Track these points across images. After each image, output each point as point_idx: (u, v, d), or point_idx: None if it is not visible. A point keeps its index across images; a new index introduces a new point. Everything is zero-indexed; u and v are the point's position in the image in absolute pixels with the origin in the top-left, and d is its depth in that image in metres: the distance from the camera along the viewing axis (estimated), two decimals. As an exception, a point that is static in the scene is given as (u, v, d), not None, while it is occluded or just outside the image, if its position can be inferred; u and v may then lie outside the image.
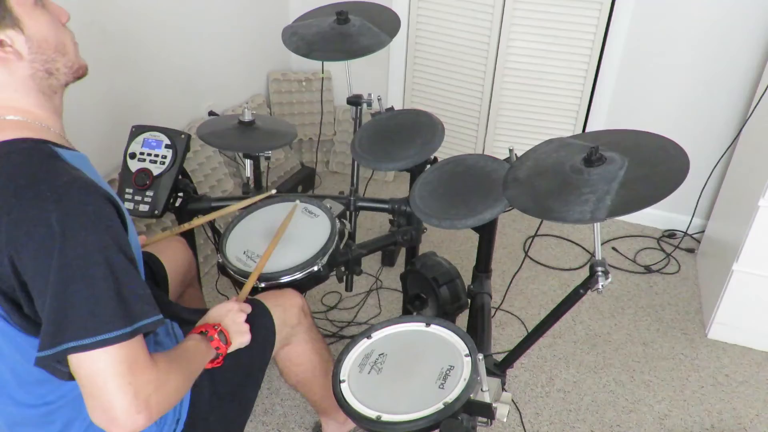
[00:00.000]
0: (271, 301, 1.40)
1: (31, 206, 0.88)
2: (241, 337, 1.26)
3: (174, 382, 0.98)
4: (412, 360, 1.28)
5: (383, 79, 2.97)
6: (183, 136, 1.79)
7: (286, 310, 1.43)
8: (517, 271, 2.31)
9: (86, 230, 0.88)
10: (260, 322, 1.35)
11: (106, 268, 0.89)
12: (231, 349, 1.23)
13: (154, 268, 1.52)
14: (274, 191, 1.75)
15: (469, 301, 1.81)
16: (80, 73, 1.06)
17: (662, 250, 2.66)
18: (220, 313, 1.26)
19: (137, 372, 0.90)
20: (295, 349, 1.49)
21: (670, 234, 2.73)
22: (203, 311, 1.28)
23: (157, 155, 1.78)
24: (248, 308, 1.32)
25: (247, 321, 1.27)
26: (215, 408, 1.26)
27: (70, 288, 0.87)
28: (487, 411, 1.16)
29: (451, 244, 2.66)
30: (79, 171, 0.95)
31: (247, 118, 1.92)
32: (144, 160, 1.77)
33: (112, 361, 0.89)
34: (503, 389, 1.29)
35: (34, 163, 0.93)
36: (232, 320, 1.25)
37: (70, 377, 0.92)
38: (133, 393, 0.89)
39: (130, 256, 0.94)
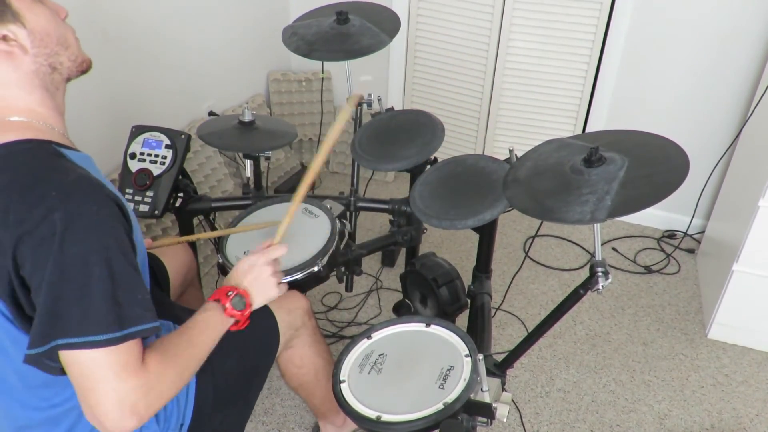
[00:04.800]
0: (276, 303, 1.38)
1: (37, 205, 0.87)
2: (267, 293, 1.17)
3: (169, 380, 0.96)
4: (412, 360, 1.28)
5: (383, 79, 2.97)
6: (183, 136, 1.79)
7: (291, 313, 1.42)
8: (517, 271, 2.31)
9: (88, 230, 0.88)
10: (264, 324, 1.34)
11: (104, 269, 0.88)
12: (258, 306, 1.16)
13: (155, 268, 1.52)
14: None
15: (469, 301, 1.81)
16: (84, 67, 1.06)
17: (662, 250, 2.66)
18: (242, 269, 1.16)
19: (125, 377, 0.89)
20: (298, 351, 1.48)
21: (670, 234, 2.73)
22: None
23: (157, 155, 1.78)
24: (280, 252, 1.20)
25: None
26: (218, 412, 1.26)
27: (65, 286, 0.86)
28: (487, 411, 1.16)
29: (451, 245, 2.66)
30: (85, 170, 0.95)
31: (247, 118, 1.92)
32: (144, 160, 1.77)
33: (99, 365, 0.88)
34: (503, 389, 1.29)
35: (39, 162, 0.93)
36: (255, 277, 1.16)
37: (61, 372, 0.91)
38: (117, 399, 0.88)
39: (132, 260, 0.93)
